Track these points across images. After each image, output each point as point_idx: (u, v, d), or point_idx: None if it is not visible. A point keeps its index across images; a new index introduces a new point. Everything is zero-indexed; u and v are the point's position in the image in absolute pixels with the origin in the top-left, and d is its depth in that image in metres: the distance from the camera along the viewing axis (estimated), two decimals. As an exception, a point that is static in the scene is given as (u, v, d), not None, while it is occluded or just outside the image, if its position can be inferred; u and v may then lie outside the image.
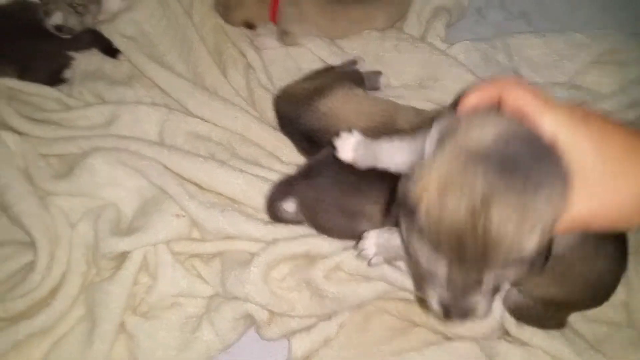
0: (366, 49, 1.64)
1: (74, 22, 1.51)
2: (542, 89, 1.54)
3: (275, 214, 1.31)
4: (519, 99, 0.66)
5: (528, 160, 0.62)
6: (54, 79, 1.56)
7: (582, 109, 0.67)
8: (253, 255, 1.29)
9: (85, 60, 1.61)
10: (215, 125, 1.52)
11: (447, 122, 0.70)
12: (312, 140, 1.40)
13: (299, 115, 1.41)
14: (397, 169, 1.00)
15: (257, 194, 1.36)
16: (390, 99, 1.49)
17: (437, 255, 0.64)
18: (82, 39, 1.57)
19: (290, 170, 1.43)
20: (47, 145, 1.43)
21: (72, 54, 1.57)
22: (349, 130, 1.13)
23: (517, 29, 1.81)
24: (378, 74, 1.58)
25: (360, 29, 1.64)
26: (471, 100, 0.70)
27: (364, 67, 1.59)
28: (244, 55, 1.64)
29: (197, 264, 1.35)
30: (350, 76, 1.51)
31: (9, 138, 1.41)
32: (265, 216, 1.35)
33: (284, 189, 1.30)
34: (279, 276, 1.31)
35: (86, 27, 1.57)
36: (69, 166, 1.41)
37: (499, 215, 0.59)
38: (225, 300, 1.28)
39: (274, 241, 1.29)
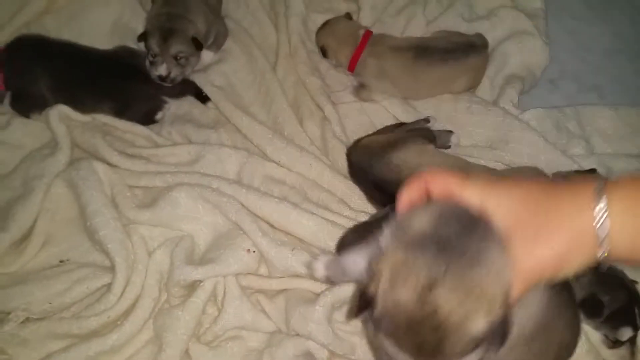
0: (439, 108, 1.71)
1: (176, 73, 1.68)
2: (612, 160, 1.55)
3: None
4: (442, 183, 0.71)
5: (461, 235, 0.62)
6: (147, 119, 1.71)
7: (497, 177, 0.72)
8: (317, 295, 1.31)
9: (176, 105, 1.77)
10: (290, 170, 1.60)
11: (393, 221, 0.73)
12: (384, 190, 1.44)
13: (371, 165, 1.47)
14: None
15: (325, 236, 1.40)
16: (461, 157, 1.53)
17: (399, 351, 0.63)
18: (176, 86, 1.73)
19: (359, 217, 1.47)
20: (135, 177, 1.55)
21: (165, 98, 1.72)
22: None
23: (589, 100, 1.84)
24: (449, 132, 1.63)
25: (438, 92, 1.72)
26: (405, 198, 0.75)
27: (435, 125, 1.65)
28: (320, 109, 1.74)
29: (261, 299, 1.38)
30: (423, 133, 1.57)
31: (100, 168, 1.53)
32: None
33: (355, 235, 1.33)
34: (341, 318, 1.31)
35: (186, 76, 1.73)
36: (153, 198, 1.51)
37: (443, 299, 0.58)
38: (288, 336, 1.29)
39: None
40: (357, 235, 1.33)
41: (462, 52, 1.66)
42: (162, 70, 1.65)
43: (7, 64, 1.66)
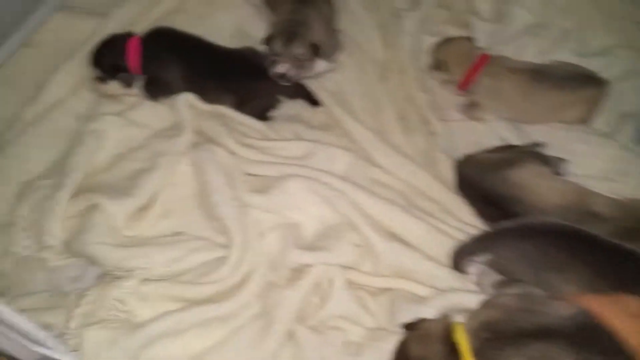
0: (551, 136, 1.72)
1: (293, 73, 1.79)
2: None
3: (459, 266, 1.37)
4: None
5: None
6: (262, 115, 1.82)
7: None
8: (422, 297, 1.35)
9: (288, 106, 1.87)
10: (395, 177, 1.65)
11: None
12: (497, 205, 1.47)
13: (485, 180, 1.50)
14: None
15: (433, 242, 1.45)
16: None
17: None
18: (292, 88, 1.84)
19: (467, 228, 1.50)
20: (250, 165, 1.65)
21: (280, 97, 1.84)
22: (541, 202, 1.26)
23: None
24: (562, 160, 1.63)
25: (551, 118, 1.74)
26: None
27: (547, 151, 1.66)
28: (427, 123, 1.80)
29: (363, 295, 1.42)
30: (538, 155, 1.59)
31: (219, 152, 1.65)
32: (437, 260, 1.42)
33: (477, 245, 1.36)
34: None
35: (301, 79, 1.84)
36: (266, 185, 1.60)
37: None
38: (393, 333, 1.32)
39: (451, 289, 1.35)
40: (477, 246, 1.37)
41: (579, 81, 1.69)
42: (281, 68, 1.77)
43: (145, 51, 1.82)
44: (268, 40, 1.83)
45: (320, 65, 1.96)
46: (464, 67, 1.77)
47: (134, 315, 1.34)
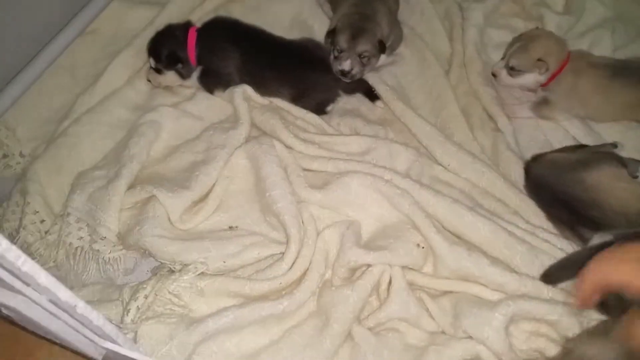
0: (625, 135, 1.61)
1: (357, 71, 1.72)
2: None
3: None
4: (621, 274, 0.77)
5: None
6: (320, 109, 1.77)
7: None
8: (492, 301, 1.27)
9: (345, 100, 1.81)
10: (459, 175, 1.57)
11: None
12: (571, 208, 1.37)
13: (559, 182, 1.41)
14: None
15: (501, 244, 1.36)
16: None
17: None
18: (351, 82, 1.77)
19: (537, 232, 1.41)
20: (308, 160, 1.59)
21: (340, 91, 1.77)
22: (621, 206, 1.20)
23: None
24: (638, 162, 1.52)
25: (627, 116, 1.62)
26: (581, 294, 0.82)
27: (621, 152, 1.55)
28: (492, 119, 1.71)
29: (424, 297, 1.35)
30: (614, 156, 1.48)
31: (278, 146, 1.60)
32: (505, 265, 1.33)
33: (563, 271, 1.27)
34: (516, 333, 1.25)
35: (363, 75, 1.77)
36: (324, 181, 1.54)
37: None
38: (455, 338, 1.25)
39: (522, 295, 1.25)
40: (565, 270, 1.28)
41: None
42: (345, 65, 1.70)
43: (201, 42, 1.79)
44: (332, 34, 1.76)
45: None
46: (559, 64, 1.64)
47: (190, 310, 1.31)
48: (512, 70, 1.69)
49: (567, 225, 1.40)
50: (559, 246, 1.39)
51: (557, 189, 1.41)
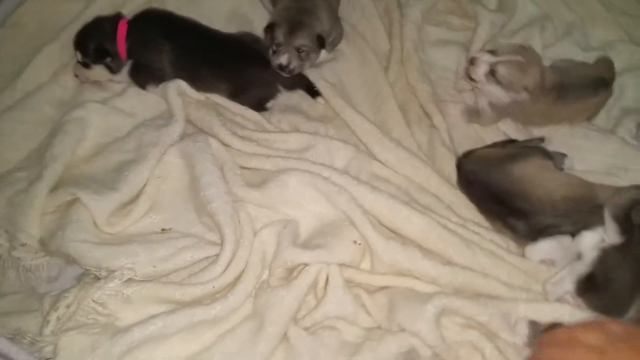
0: (553, 133, 1.66)
1: (295, 65, 1.69)
2: None
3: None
4: None
5: None
6: (259, 105, 1.72)
7: None
8: (427, 294, 1.28)
9: (286, 96, 1.77)
10: (396, 171, 1.57)
11: None
12: (501, 201, 1.40)
13: (489, 176, 1.44)
14: None
15: (435, 238, 1.37)
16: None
17: None
18: (291, 78, 1.74)
19: (468, 225, 1.44)
20: (245, 158, 1.55)
21: (280, 87, 1.74)
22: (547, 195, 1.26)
23: None
24: (563, 155, 1.58)
25: (561, 123, 1.67)
26: None
27: (549, 147, 1.60)
28: (428, 116, 1.72)
29: (361, 293, 1.35)
30: (540, 150, 1.53)
31: (214, 144, 1.55)
32: (439, 258, 1.35)
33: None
34: (450, 325, 1.27)
35: (303, 71, 1.74)
36: (262, 179, 1.51)
37: None
38: (389, 332, 1.26)
39: (456, 291, 1.28)
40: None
41: (593, 89, 1.62)
42: (283, 59, 1.66)
43: (131, 35, 1.71)
44: (270, 28, 1.72)
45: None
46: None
47: (116, 319, 1.24)
48: (493, 76, 1.54)
49: (498, 217, 1.43)
50: (488, 238, 1.43)
51: (487, 183, 1.44)
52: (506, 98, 1.57)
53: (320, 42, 1.71)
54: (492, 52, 1.56)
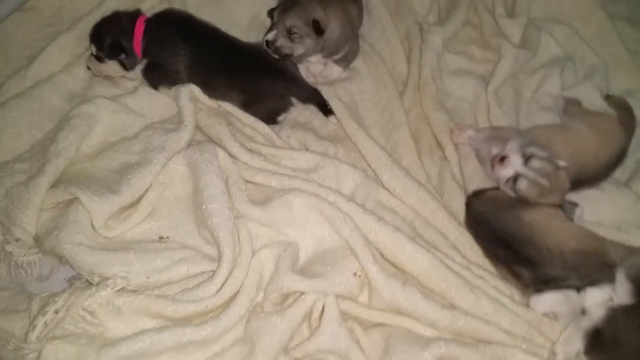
0: (566, 178, 1.62)
1: (282, 44, 1.63)
2: None
3: None
4: None
5: None
6: (271, 118, 1.69)
7: None
8: (420, 338, 1.26)
9: (298, 111, 1.74)
10: (403, 202, 1.54)
11: None
12: (508, 246, 1.37)
13: (498, 219, 1.41)
14: None
15: (437, 276, 1.34)
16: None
17: None
18: (306, 92, 1.72)
19: (472, 268, 1.40)
20: (251, 172, 1.52)
21: (293, 100, 1.71)
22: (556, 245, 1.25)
23: None
24: (574, 205, 1.55)
25: None
26: None
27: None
28: (440, 147, 1.69)
29: (356, 327, 1.32)
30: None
31: (221, 155, 1.52)
32: (440, 299, 1.32)
33: None
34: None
35: (295, 55, 1.67)
36: (266, 197, 1.48)
37: None
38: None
39: (455, 338, 1.26)
40: None
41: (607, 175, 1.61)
42: (270, 35, 1.63)
43: (149, 33, 1.68)
44: (271, 11, 1.70)
45: (335, 71, 1.84)
46: None
47: (105, 330, 1.21)
48: (513, 182, 1.42)
49: (504, 262, 1.40)
50: (492, 283, 1.39)
51: (495, 226, 1.41)
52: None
53: (317, 29, 1.65)
54: (527, 152, 1.45)
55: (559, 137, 1.59)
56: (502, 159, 1.44)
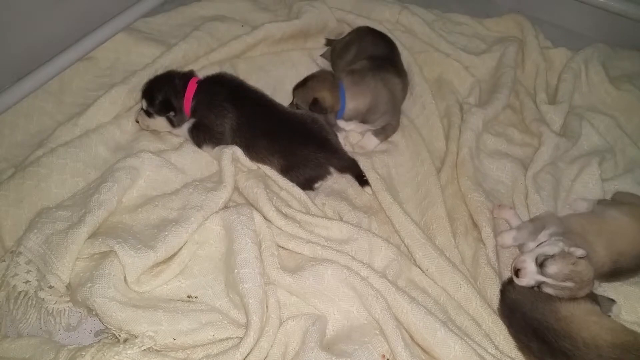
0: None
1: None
2: None
3: None
4: None
5: None
6: (308, 184, 1.72)
7: None
8: None
9: (334, 179, 1.76)
10: (435, 283, 1.51)
11: None
12: (543, 339, 1.33)
13: (534, 310, 1.37)
14: None
15: (468, 368, 1.28)
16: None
17: None
18: (344, 162, 1.74)
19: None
20: (285, 238, 1.53)
21: (331, 169, 1.73)
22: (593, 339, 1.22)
23: None
24: (612, 301, 1.51)
25: None
26: None
27: (597, 290, 1.53)
28: (476, 227, 1.67)
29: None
30: (589, 293, 1.45)
31: (257, 218, 1.53)
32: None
33: None
34: None
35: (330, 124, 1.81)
36: (297, 265, 1.47)
37: None
38: None
39: None
40: None
41: None
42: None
43: (199, 95, 1.75)
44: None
45: (371, 142, 1.88)
46: None
47: (128, 391, 1.19)
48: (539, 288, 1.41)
49: (537, 356, 1.35)
50: (525, 379, 1.34)
51: (530, 316, 1.37)
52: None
53: (316, 107, 1.76)
54: (539, 257, 1.42)
55: (594, 226, 1.57)
56: (517, 271, 1.42)
